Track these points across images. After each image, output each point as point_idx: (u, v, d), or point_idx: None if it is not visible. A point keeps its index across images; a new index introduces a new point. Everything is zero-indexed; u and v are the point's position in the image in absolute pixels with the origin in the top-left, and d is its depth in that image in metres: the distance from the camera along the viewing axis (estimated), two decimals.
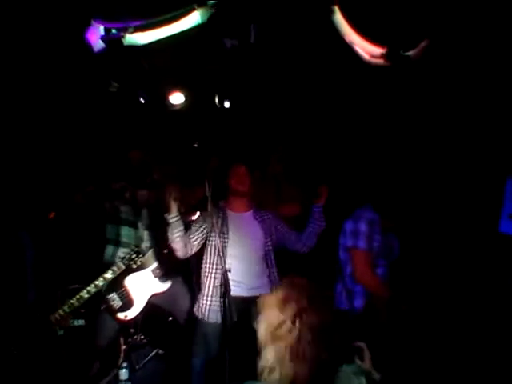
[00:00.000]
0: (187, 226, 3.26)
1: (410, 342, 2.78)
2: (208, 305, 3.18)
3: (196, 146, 3.67)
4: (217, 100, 3.78)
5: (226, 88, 3.66)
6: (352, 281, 3.06)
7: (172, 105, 3.70)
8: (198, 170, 3.76)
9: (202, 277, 3.26)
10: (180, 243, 3.16)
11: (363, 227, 3.03)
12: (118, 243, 3.56)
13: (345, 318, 2.96)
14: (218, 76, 3.43)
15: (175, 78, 3.49)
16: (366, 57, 2.22)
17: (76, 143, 3.84)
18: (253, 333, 3.04)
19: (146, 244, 3.62)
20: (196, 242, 3.24)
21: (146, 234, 3.66)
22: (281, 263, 3.33)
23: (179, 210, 3.18)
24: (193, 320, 3.32)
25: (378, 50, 2.12)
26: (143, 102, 3.56)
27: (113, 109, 3.68)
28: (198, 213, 3.51)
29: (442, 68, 2.46)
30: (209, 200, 3.03)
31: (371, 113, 3.88)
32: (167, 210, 3.15)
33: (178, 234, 3.15)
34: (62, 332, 3.01)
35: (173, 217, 3.15)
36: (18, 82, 3.03)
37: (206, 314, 3.18)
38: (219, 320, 3.08)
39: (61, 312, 2.89)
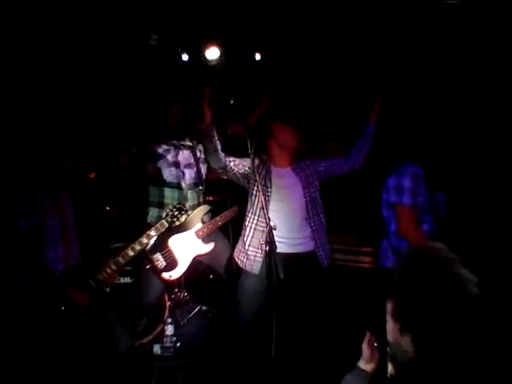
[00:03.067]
0: None
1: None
2: (245, 253, 3.18)
3: (232, 102, 3.57)
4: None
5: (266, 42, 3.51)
6: (397, 238, 2.98)
7: (208, 60, 3.57)
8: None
9: (244, 226, 3.25)
10: (215, 155, 3.06)
11: (407, 182, 2.93)
12: (161, 205, 3.56)
13: (389, 276, 2.91)
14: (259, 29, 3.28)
15: (213, 32, 3.34)
16: None
17: (117, 101, 3.78)
18: (298, 290, 3.05)
19: (190, 203, 3.59)
20: (235, 168, 3.14)
21: (189, 194, 3.64)
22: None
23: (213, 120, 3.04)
24: (235, 275, 3.34)
25: None
26: (185, 58, 3.44)
27: (152, 63, 3.57)
28: None
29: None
30: (251, 157, 2.97)
31: (413, 70, 3.71)
32: (201, 118, 3.03)
33: (212, 145, 3.04)
34: (108, 289, 3.05)
35: (206, 124, 3.03)
36: (62, 37, 2.96)
37: (245, 261, 3.19)
38: (256, 271, 3.10)
39: (108, 270, 2.91)
